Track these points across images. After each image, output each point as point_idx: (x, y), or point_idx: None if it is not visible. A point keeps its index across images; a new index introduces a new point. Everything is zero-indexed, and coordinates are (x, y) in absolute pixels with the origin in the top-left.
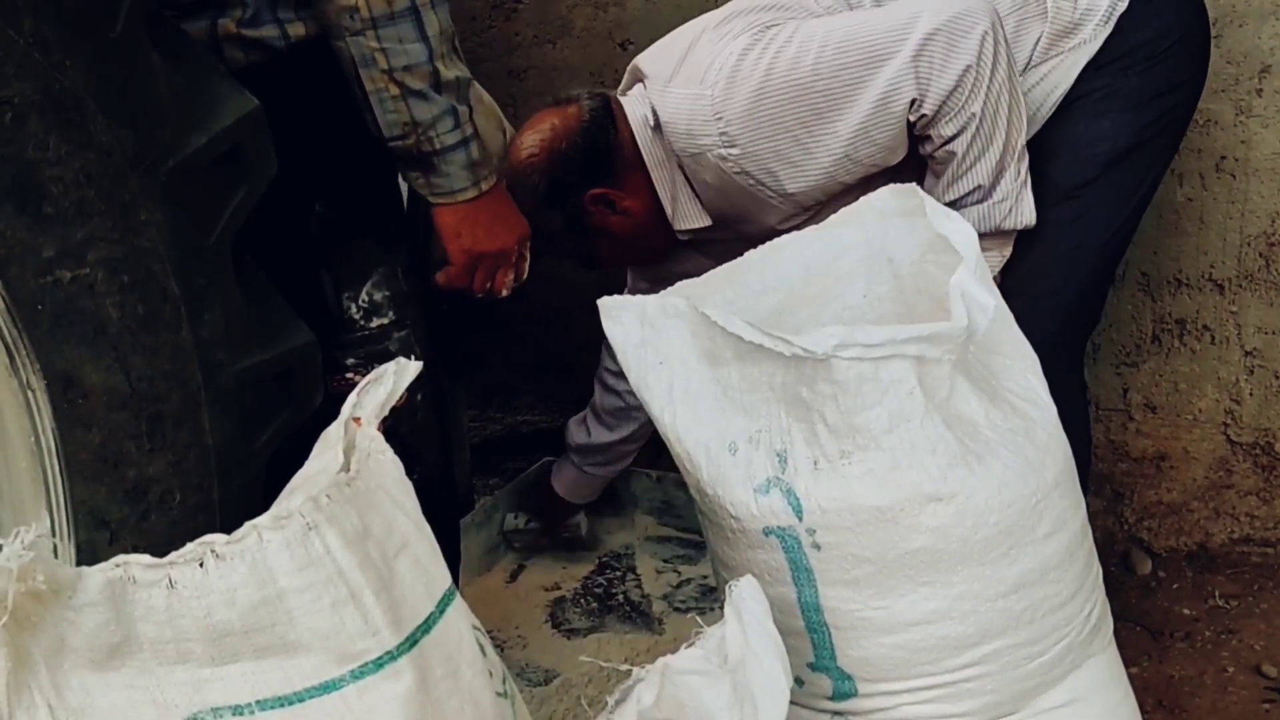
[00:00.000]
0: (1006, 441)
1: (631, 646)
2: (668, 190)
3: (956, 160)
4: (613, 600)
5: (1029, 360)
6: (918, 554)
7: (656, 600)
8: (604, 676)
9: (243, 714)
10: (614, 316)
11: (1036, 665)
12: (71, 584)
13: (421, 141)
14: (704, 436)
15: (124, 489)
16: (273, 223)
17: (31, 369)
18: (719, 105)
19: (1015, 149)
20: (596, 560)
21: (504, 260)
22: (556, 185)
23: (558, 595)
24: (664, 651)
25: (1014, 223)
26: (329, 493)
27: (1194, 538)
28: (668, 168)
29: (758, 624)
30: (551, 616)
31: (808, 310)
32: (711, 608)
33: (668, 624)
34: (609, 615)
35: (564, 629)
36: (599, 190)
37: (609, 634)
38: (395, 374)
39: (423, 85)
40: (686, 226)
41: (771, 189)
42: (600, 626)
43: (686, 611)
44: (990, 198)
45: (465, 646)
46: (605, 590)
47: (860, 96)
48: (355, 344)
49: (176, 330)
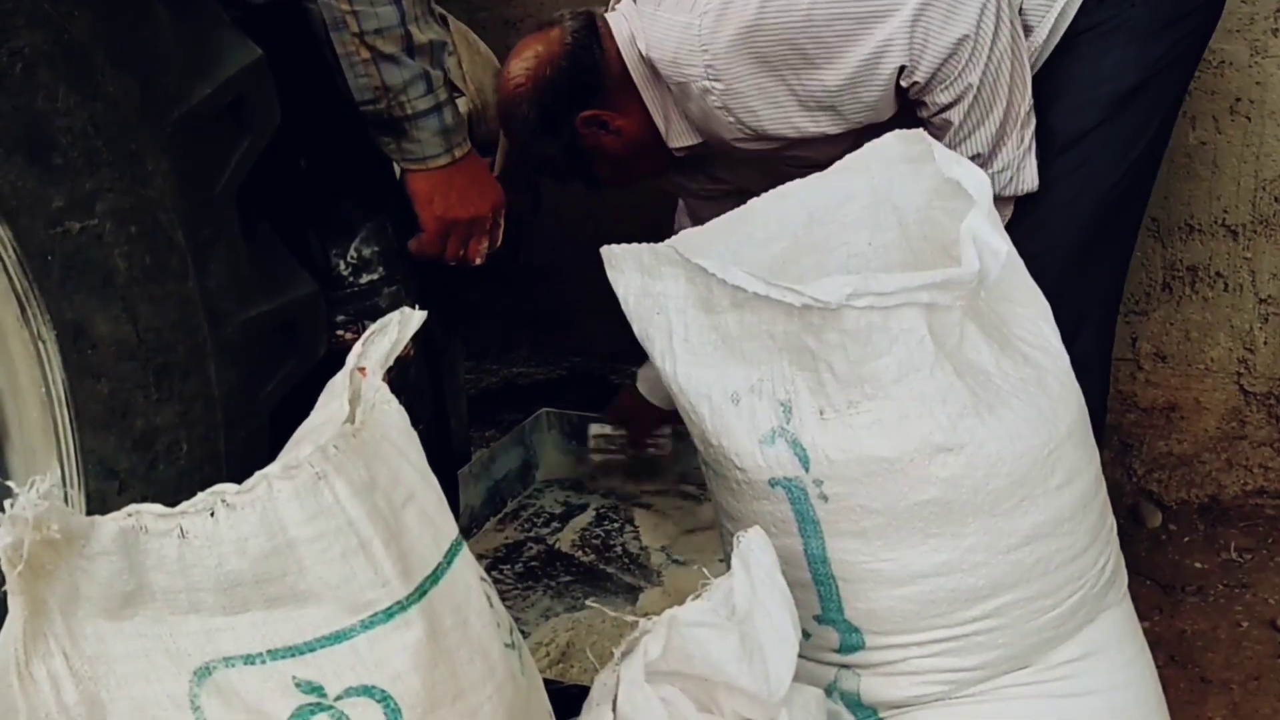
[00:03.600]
0: (1018, 390)
1: (631, 599)
2: (659, 109)
3: (953, 129)
4: (611, 552)
5: (1041, 307)
6: (927, 505)
7: (655, 552)
8: (608, 628)
9: (254, 663)
10: (616, 265)
11: (1049, 619)
12: (85, 533)
13: (393, 107)
14: (706, 386)
15: (132, 439)
16: (258, 180)
17: (42, 320)
18: (707, 37)
19: (1018, 117)
20: (594, 511)
21: (477, 228)
22: (547, 113)
23: (556, 547)
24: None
25: (1015, 190)
26: (336, 443)
27: (1206, 490)
28: (658, 86)
29: (765, 575)
30: (548, 569)
31: (811, 258)
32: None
33: (666, 576)
34: (608, 566)
35: (561, 581)
36: (589, 112)
37: (608, 585)
38: (399, 324)
39: (394, 49)
40: (681, 144)
41: (749, 128)
42: (598, 578)
43: (686, 564)
44: (990, 166)
45: (473, 597)
46: (604, 541)
47: (851, 51)
48: (345, 301)
49: (183, 280)
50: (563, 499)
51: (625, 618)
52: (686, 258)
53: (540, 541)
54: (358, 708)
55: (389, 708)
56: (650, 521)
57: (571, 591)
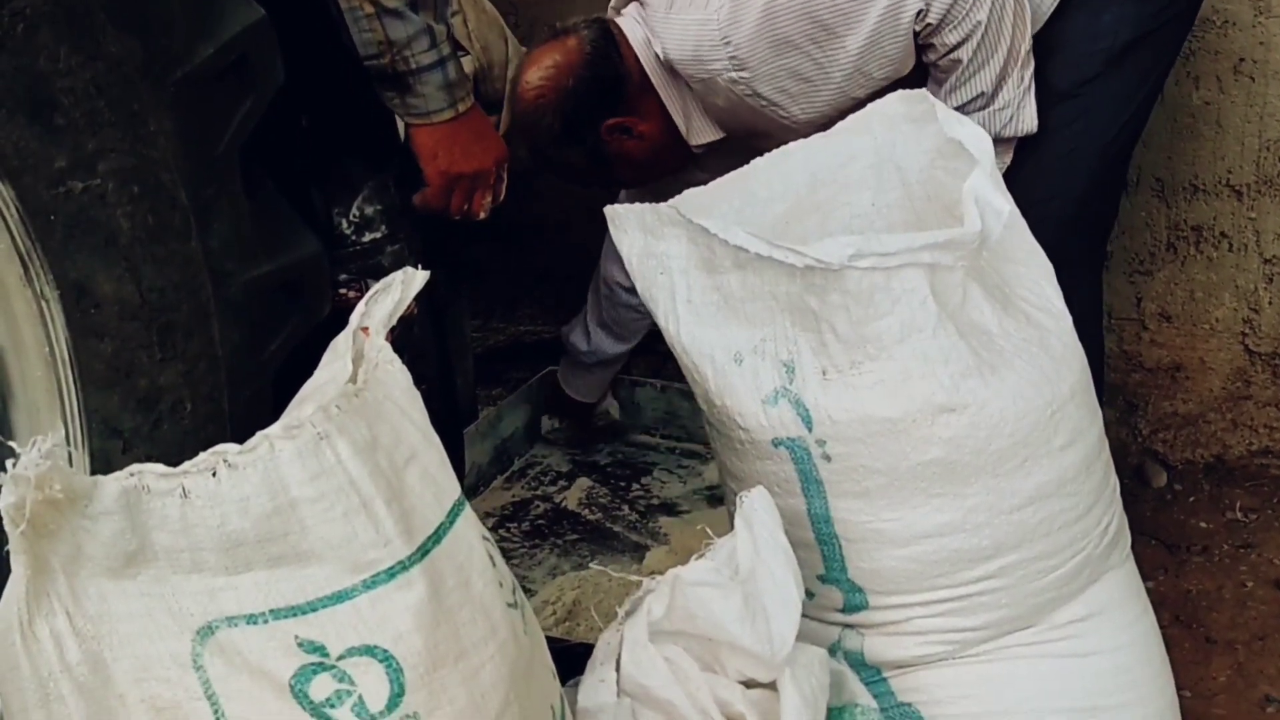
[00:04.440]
0: (1021, 351)
1: (638, 557)
2: (679, 108)
3: (961, 67)
4: (617, 511)
5: (1043, 268)
6: (930, 465)
7: (661, 511)
8: (614, 587)
9: (256, 623)
10: (620, 225)
11: (1052, 579)
12: (88, 493)
13: (396, 61)
14: (709, 347)
15: (136, 398)
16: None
17: (45, 279)
18: (726, 29)
19: (1019, 55)
20: (601, 470)
21: (481, 182)
22: (571, 123)
23: (562, 505)
24: (670, 563)
25: (1015, 130)
26: (339, 403)
27: (1211, 450)
28: (676, 87)
29: (769, 535)
30: (555, 527)
31: (814, 218)
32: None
33: (673, 535)
34: (615, 525)
35: (568, 540)
36: (614, 120)
37: (615, 544)
38: (402, 283)
39: (398, 4)
40: (702, 141)
41: (785, 109)
42: (604, 536)
43: (692, 523)
44: (992, 104)
45: (476, 557)
46: (610, 500)
47: (869, 9)
48: (348, 260)
49: (186, 240)
50: (570, 457)
51: (630, 577)
52: (689, 218)
53: (547, 500)
54: (360, 667)
55: (391, 667)
56: (657, 480)
57: (578, 550)
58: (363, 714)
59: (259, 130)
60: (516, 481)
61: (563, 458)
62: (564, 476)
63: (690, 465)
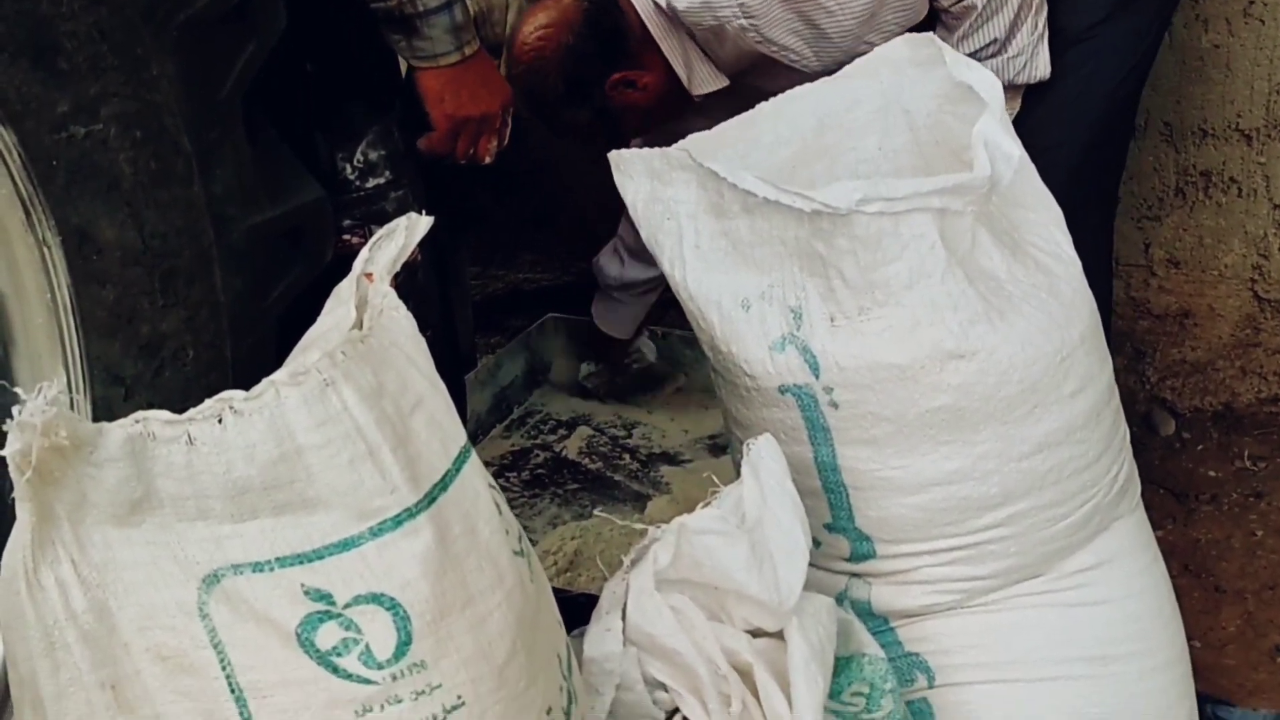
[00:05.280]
0: (1030, 297)
1: (639, 506)
2: (680, 59)
3: (974, 14)
4: (619, 460)
5: (1052, 213)
6: (939, 412)
7: (663, 459)
8: (615, 537)
9: (262, 571)
10: (624, 170)
11: (1062, 527)
12: (92, 439)
13: (404, 4)
14: (716, 293)
15: (138, 345)
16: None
17: (47, 225)
18: None
19: (1032, 1)
20: (601, 419)
21: (487, 126)
22: (575, 81)
23: (562, 454)
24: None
25: (1028, 76)
26: (344, 349)
27: (1220, 397)
28: (676, 36)
29: (776, 483)
30: (555, 476)
31: (821, 163)
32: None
33: (675, 483)
34: (615, 474)
35: (568, 489)
36: (618, 75)
37: (616, 493)
38: (407, 228)
39: None
40: (704, 90)
41: (797, 53)
42: (605, 486)
43: (694, 471)
44: (1005, 51)
45: (482, 504)
46: (611, 449)
47: None
48: (351, 205)
49: (188, 185)
50: (570, 406)
51: (634, 526)
52: (698, 162)
53: (547, 449)
54: (366, 615)
55: (398, 615)
56: (658, 429)
57: (579, 499)
58: (369, 662)
59: (262, 75)
60: (516, 430)
61: (563, 406)
62: (564, 425)
63: (692, 414)
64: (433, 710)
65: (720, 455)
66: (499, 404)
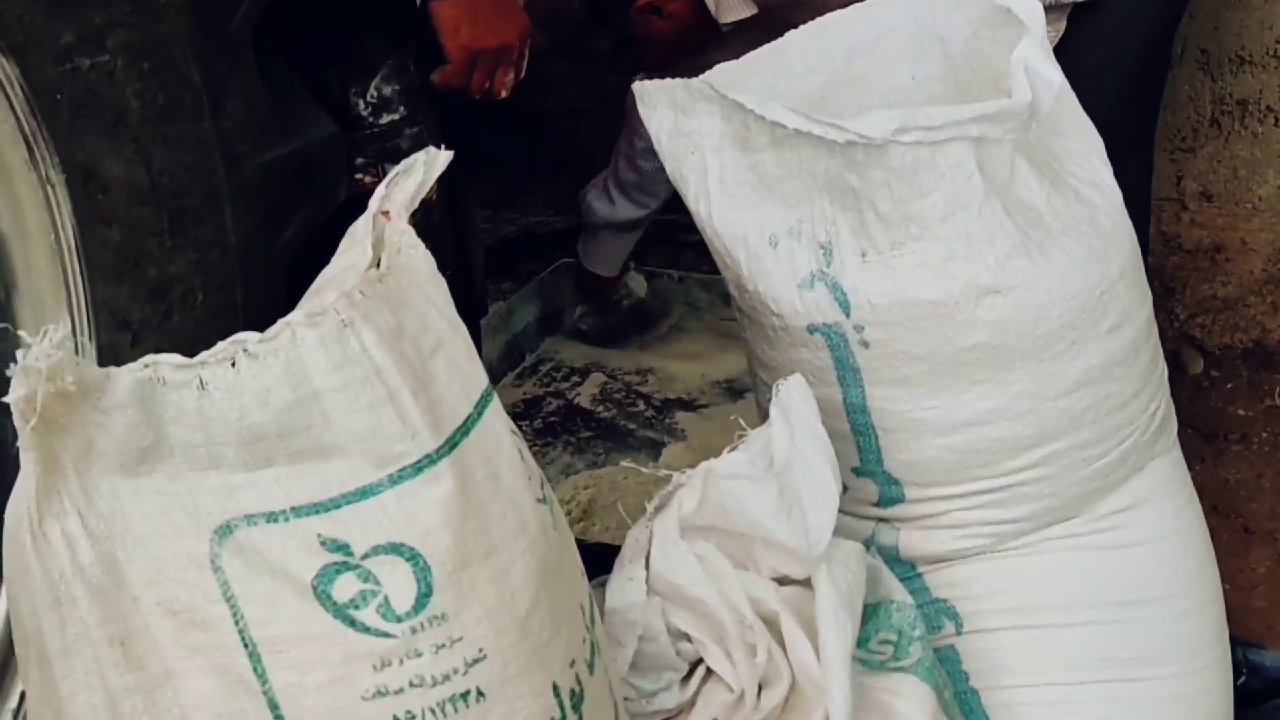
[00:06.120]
0: (1069, 229)
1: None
2: None
3: None
4: (632, 407)
5: (1093, 142)
6: (973, 350)
7: (677, 406)
8: (630, 485)
9: (277, 521)
10: (648, 102)
11: (1098, 467)
12: (100, 385)
13: None
14: (741, 229)
15: (145, 288)
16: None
17: (50, 163)
18: None
19: None
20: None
21: (504, 58)
22: (599, 8)
23: (575, 402)
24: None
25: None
26: (362, 289)
27: (1250, 334)
28: None
29: (805, 425)
30: (568, 424)
31: (851, 93)
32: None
33: (690, 430)
34: (629, 422)
35: (581, 437)
36: (644, 1)
37: (630, 441)
38: (425, 164)
39: None
40: (731, 19)
41: None
42: (619, 433)
43: (710, 417)
44: None
45: (505, 449)
46: (625, 396)
47: None
48: (365, 142)
49: (198, 120)
50: (583, 353)
51: (658, 473)
52: (723, 93)
53: (559, 396)
54: (385, 566)
55: (418, 566)
56: (671, 375)
57: (592, 448)
58: (388, 615)
59: (272, 5)
60: (528, 378)
61: (576, 353)
62: (577, 372)
63: (708, 358)
64: (453, 664)
65: (737, 400)
66: (511, 351)
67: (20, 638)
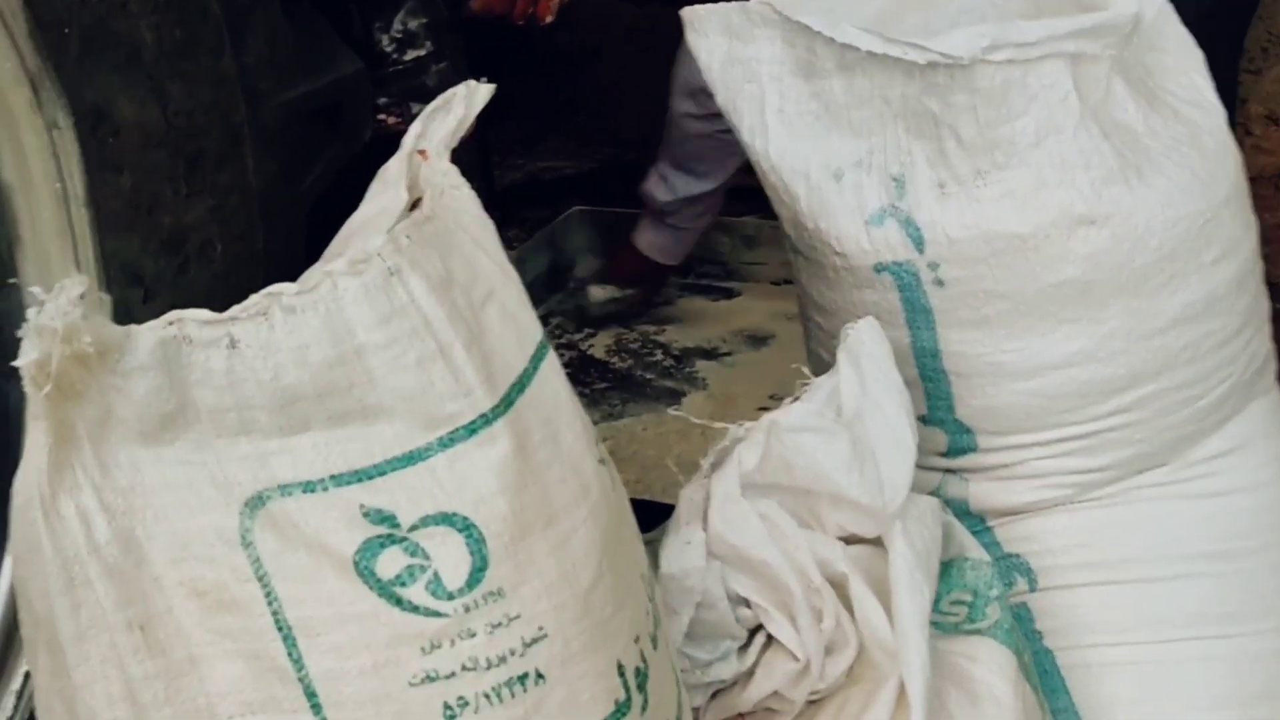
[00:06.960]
0: (1169, 152)
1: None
2: None
3: None
4: (650, 357)
5: (1193, 57)
6: (1063, 286)
7: (695, 354)
8: (651, 436)
9: (314, 491)
10: (698, 29)
11: (1194, 410)
12: (119, 346)
13: None
14: (802, 162)
15: (159, 239)
16: None
17: (57, 104)
18: None
19: None
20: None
21: None
22: None
23: (590, 353)
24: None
25: None
26: (408, 232)
27: None
28: None
29: (879, 371)
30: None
31: (916, 15)
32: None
33: (710, 379)
34: (646, 372)
35: (596, 388)
36: None
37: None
38: (465, 98)
39: None
40: None
41: None
42: (636, 384)
43: (731, 365)
44: None
45: (564, 406)
46: (641, 346)
47: None
48: (389, 81)
49: (218, 56)
50: (596, 303)
51: (713, 425)
52: (786, 15)
53: (573, 348)
54: (435, 539)
55: (471, 537)
56: (688, 323)
57: (608, 399)
58: (439, 592)
59: None
60: None
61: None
62: (590, 323)
63: (730, 305)
64: (510, 644)
65: (760, 348)
66: None
67: (29, 622)
